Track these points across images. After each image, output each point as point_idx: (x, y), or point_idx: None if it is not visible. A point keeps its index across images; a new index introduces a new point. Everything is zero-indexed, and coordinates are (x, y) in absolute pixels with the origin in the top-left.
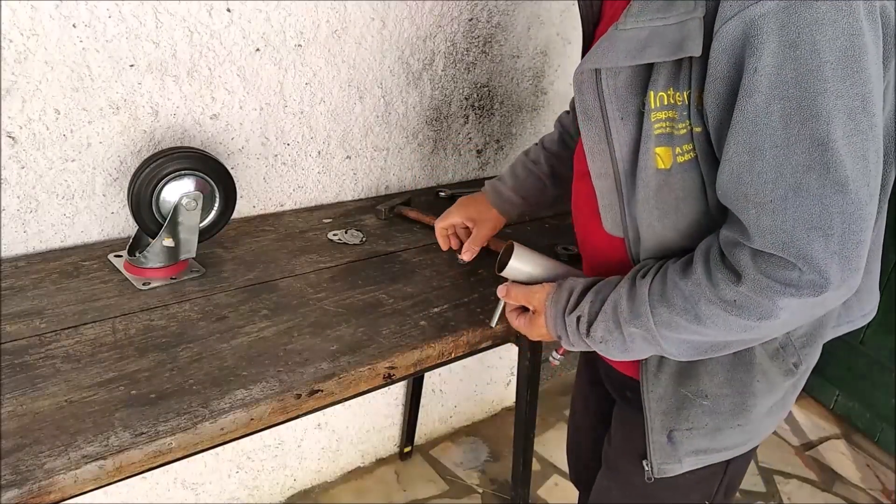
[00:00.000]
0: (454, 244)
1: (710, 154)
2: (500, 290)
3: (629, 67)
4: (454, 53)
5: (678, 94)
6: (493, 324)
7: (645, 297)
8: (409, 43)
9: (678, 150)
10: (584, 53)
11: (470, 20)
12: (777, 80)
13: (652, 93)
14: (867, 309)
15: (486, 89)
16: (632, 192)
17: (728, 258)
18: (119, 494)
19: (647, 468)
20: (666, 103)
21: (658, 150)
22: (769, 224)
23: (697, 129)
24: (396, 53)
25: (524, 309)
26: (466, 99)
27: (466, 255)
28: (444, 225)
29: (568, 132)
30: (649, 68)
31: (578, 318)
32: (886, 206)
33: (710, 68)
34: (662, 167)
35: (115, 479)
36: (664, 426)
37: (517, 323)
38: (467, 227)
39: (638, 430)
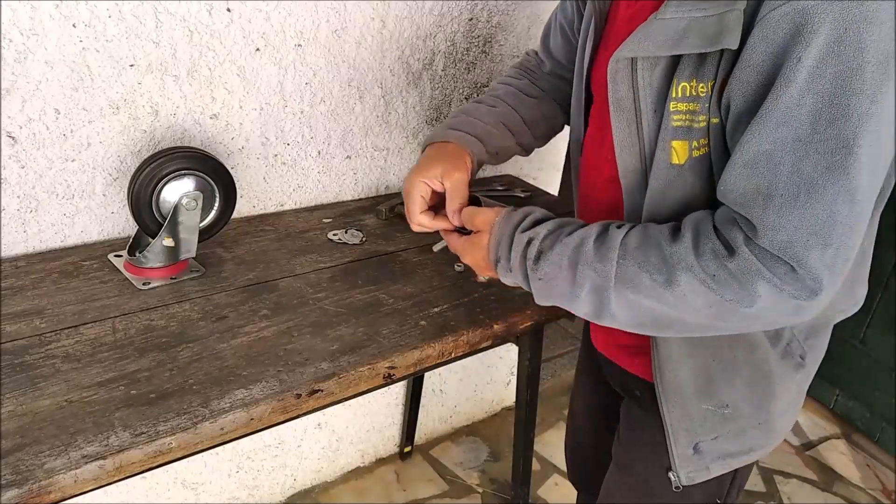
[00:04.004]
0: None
1: (723, 149)
2: (452, 213)
3: (666, 59)
4: (454, 53)
5: (701, 84)
6: (435, 249)
7: (616, 245)
8: (409, 43)
9: (695, 143)
10: (590, 53)
11: (470, 20)
12: (815, 74)
13: (675, 81)
14: (859, 297)
15: (486, 89)
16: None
17: (722, 233)
18: (119, 494)
19: (673, 479)
20: (688, 94)
21: (675, 143)
22: (773, 221)
23: (714, 121)
24: (396, 53)
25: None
26: (466, 99)
27: (456, 219)
28: (418, 209)
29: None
30: (680, 59)
31: (530, 241)
32: (884, 203)
33: (744, 55)
34: (676, 162)
35: (115, 479)
36: (689, 441)
37: (454, 243)
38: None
39: (650, 429)
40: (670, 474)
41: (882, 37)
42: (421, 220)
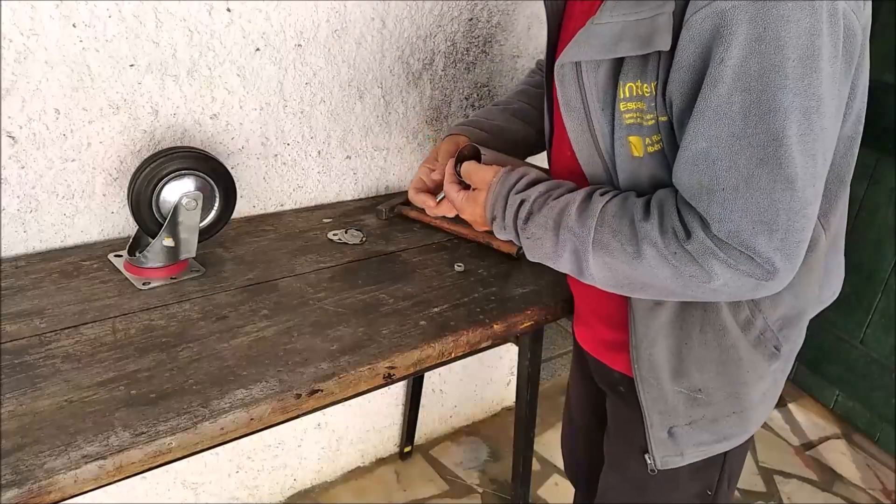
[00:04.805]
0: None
1: (675, 144)
2: (449, 166)
3: (609, 60)
4: (454, 53)
5: (645, 85)
6: (434, 202)
7: (596, 212)
8: (409, 43)
9: (647, 140)
10: (548, 49)
11: (470, 20)
12: (741, 72)
13: (621, 83)
14: (835, 288)
15: (486, 89)
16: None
17: (683, 215)
18: (119, 494)
19: (649, 461)
20: (635, 94)
21: (631, 138)
22: (719, 213)
23: (663, 119)
24: (396, 53)
25: (466, 187)
26: (466, 99)
27: (436, 174)
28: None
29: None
30: (623, 60)
31: (521, 202)
32: (848, 191)
33: (676, 56)
34: (637, 154)
35: (115, 479)
36: (663, 424)
37: (454, 195)
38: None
39: (636, 424)
40: (646, 456)
41: (800, 33)
42: (414, 194)
